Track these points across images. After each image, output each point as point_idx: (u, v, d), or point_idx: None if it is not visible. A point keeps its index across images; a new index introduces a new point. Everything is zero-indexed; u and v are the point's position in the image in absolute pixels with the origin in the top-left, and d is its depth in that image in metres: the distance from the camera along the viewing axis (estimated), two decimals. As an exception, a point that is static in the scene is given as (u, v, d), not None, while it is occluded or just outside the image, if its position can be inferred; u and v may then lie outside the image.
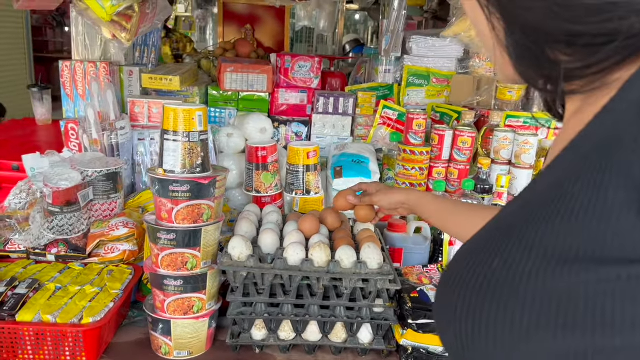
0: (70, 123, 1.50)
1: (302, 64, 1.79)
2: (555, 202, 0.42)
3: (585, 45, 0.42)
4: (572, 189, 0.41)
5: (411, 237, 1.46)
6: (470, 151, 1.63)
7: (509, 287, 0.43)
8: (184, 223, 1.04)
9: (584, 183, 0.40)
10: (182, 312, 1.08)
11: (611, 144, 0.40)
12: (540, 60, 0.47)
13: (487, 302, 0.44)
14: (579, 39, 0.42)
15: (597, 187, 0.39)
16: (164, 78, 1.55)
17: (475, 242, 0.50)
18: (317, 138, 1.82)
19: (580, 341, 0.38)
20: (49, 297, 1.06)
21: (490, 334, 0.43)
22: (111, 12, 1.02)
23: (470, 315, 0.45)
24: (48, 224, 1.20)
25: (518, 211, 0.48)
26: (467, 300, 0.46)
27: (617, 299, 0.36)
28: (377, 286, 1.10)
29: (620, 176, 0.38)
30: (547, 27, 0.44)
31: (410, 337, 1.12)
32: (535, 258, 0.41)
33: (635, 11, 0.39)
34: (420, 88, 1.93)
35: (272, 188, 1.50)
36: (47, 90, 2.63)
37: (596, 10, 0.41)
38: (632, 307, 0.36)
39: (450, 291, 0.49)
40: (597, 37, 0.41)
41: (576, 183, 0.41)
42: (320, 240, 1.15)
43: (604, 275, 0.37)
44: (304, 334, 1.14)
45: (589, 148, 0.42)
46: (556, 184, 0.43)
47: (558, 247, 0.40)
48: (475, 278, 0.46)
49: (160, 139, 1.05)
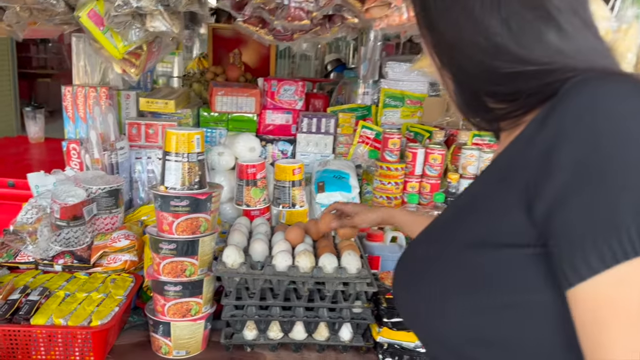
0: (72, 143, 1.62)
1: (287, 88, 1.93)
2: (473, 204, 0.61)
3: (506, 99, 0.61)
4: (482, 196, 0.60)
5: (387, 246, 1.60)
6: (440, 167, 1.79)
7: (440, 266, 0.62)
8: (183, 234, 1.17)
9: (490, 192, 0.58)
10: (180, 315, 1.20)
11: (512, 164, 0.57)
12: (477, 107, 0.65)
13: (426, 278, 0.63)
14: (501, 95, 0.61)
15: (497, 195, 0.57)
16: (160, 101, 1.68)
17: (421, 235, 0.70)
18: (301, 155, 1.96)
19: (483, 300, 0.57)
20: (59, 303, 1.17)
21: (427, 301, 0.61)
22: (123, 52, 1.15)
23: (413, 288, 0.63)
24: (55, 237, 1.31)
25: (450, 211, 0.67)
26: (411, 278, 0.64)
27: (506, 271, 0.55)
28: (356, 289, 1.23)
29: (514, 187, 0.54)
30: (480, 87, 0.63)
31: (385, 334, 1.25)
32: (458, 244, 0.60)
33: (533, 79, 0.57)
34: (395, 109, 2.09)
35: (261, 202, 1.63)
36: (40, 110, 2.74)
37: (508, 78, 0.59)
38: (514, 276, 0.54)
39: (401, 271, 0.69)
40: (512, 94, 0.60)
41: (485, 192, 0.60)
42: (305, 248, 1.29)
43: (499, 255, 0.55)
44: (291, 334, 1.26)
45: (500, 166, 0.60)
46: (476, 191, 0.62)
47: (471, 236, 0.59)
48: (418, 262, 0.65)
49: (162, 159, 1.18)
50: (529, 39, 0.58)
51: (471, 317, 0.58)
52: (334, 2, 1.02)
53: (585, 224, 0.47)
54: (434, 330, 0.63)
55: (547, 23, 0.59)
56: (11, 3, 1.04)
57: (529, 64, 0.58)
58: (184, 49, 3.91)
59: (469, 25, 0.61)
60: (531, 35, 0.58)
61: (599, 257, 0.46)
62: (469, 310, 0.58)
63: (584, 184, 0.47)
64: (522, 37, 0.58)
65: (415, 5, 0.69)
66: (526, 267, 0.53)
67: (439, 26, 0.65)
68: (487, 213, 0.58)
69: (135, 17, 1.08)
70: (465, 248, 0.59)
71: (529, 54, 0.58)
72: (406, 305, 0.67)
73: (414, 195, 1.74)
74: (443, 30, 0.65)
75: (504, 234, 0.55)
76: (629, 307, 0.46)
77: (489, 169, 0.63)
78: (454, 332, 0.60)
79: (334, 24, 1.17)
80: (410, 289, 0.65)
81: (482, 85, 0.63)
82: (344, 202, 1.36)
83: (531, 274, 0.53)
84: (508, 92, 0.60)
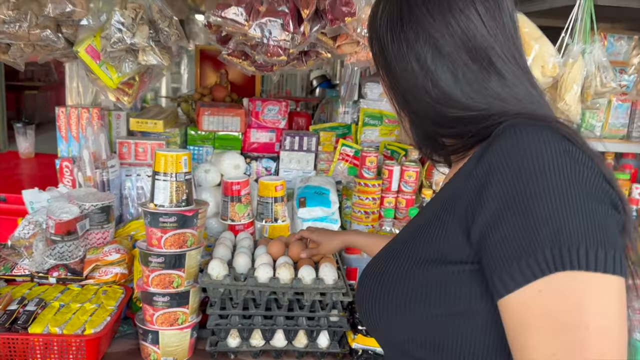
0: (65, 161, 1.70)
1: (271, 108, 2.04)
2: (424, 227, 0.72)
3: (454, 138, 0.73)
4: (432, 220, 0.71)
5: (365, 258, 1.70)
6: (415, 183, 1.90)
7: (396, 280, 0.72)
8: (171, 248, 1.26)
9: (438, 216, 0.68)
10: (168, 324, 1.28)
11: (455, 194, 0.68)
12: (430, 143, 0.78)
13: (384, 290, 0.73)
14: (448, 135, 0.73)
15: (444, 220, 0.68)
16: (150, 122, 1.77)
17: (381, 252, 0.81)
18: (284, 172, 2.06)
19: (432, 309, 0.67)
20: (55, 313, 1.25)
21: (385, 310, 0.71)
22: (117, 82, 1.25)
23: (373, 299, 0.73)
24: (50, 251, 1.39)
25: (407, 231, 0.78)
26: (372, 290, 0.75)
27: (450, 284, 0.64)
28: (333, 298, 1.32)
29: (456, 214, 0.65)
30: (430, 127, 0.75)
31: (360, 341, 1.35)
32: (411, 261, 0.70)
33: (473, 123, 0.69)
34: (374, 127, 2.21)
35: (245, 217, 1.73)
36: (31, 126, 2.80)
37: (453, 121, 0.71)
38: (457, 289, 0.63)
39: (362, 285, 0.79)
40: (457, 135, 0.72)
41: (435, 216, 0.70)
42: (285, 261, 1.38)
43: (445, 271, 0.65)
44: (272, 341, 1.35)
45: (446, 195, 0.71)
46: (427, 215, 0.74)
47: (423, 254, 0.69)
48: (378, 275, 0.75)
49: (152, 178, 1.27)
50: (473, 87, 0.70)
51: (422, 324, 0.68)
52: (308, 40, 1.14)
53: (510, 246, 0.57)
54: (390, 336, 0.73)
55: (490, 73, 0.70)
56: (16, 40, 1.13)
57: (470, 110, 0.69)
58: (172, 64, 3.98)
59: (421, 73, 0.72)
60: (475, 85, 0.70)
61: (521, 273, 0.56)
62: (420, 318, 0.68)
63: (509, 213, 0.58)
64: (466, 86, 0.70)
65: (373, 46, 0.79)
66: (466, 281, 0.64)
67: (395, 70, 0.76)
68: (435, 235, 0.68)
69: (129, 52, 1.18)
70: (417, 265, 0.69)
71: (471, 101, 0.70)
72: (367, 313, 0.77)
73: (390, 210, 1.85)
74: (398, 74, 0.75)
75: (448, 253, 0.65)
76: (548, 314, 0.54)
77: (439, 196, 0.75)
78: (407, 337, 0.69)
79: (309, 58, 1.28)
80: (370, 299, 0.75)
81: (431, 126, 0.74)
82: (310, 230, 1.47)
83: (471, 287, 0.63)
84: (454, 133, 0.72)
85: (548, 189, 0.56)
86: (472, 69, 0.70)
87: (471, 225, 0.62)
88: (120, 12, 1.15)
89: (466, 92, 0.70)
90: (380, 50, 0.77)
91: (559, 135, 0.60)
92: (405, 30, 0.73)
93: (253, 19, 1.09)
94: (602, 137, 1.96)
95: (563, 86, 1.31)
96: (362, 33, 1.16)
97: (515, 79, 0.72)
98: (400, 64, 0.74)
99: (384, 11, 0.77)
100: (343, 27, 1.14)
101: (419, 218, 0.78)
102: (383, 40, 0.76)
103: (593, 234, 0.54)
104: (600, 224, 0.55)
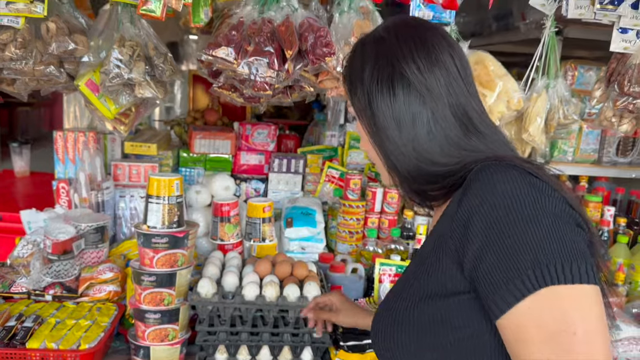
0: (61, 183, 1.78)
1: (260, 131, 2.14)
2: (423, 266, 0.80)
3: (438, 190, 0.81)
4: (429, 259, 0.79)
5: (348, 277, 1.78)
6: (397, 205, 1.99)
7: (406, 316, 0.80)
8: (163, 268, 1.33)
9: (434, 256, 0.77)
10: (159, 340, 1.35)
11: (443, 235, 0.76)
12: (419, 196, 0.85)
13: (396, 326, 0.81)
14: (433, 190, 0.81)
15: (439, 258, 0.76)
16: (143, 145, 1.86)
17: (389, 293, 0.89)
18: (272, 193, 2.15)
19: (441, 337, 0.75)
20: (51, 329, 1.31)
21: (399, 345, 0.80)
22: (114, 113, 1.34)
23: (386, 336, 0.82)
24: (47, 269, 1.46)
25: (408, 273, 0.86)
26: (383, 326, 0.83)
27: (455, 313, 0.73)
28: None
29: (448, 252, 0.74)
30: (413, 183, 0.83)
31: (342, 356, 1.42)
32: (416, 297, 0.79)
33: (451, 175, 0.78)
34: (360, 150, 2.31)
35: (234, 237, 1.81)
36: (27, 145, 2.87)
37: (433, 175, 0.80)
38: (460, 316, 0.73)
39: (375, 322, 0.87)
40: (440, 189, 0.80)
41: (430, 256, 0.79)
42: (272, 279, 1.45)
43: (448, 302, 0.74)
44: (258, 356, 1.41)
45: (436, 236, 0.80)
46: (424, 255, 0.81)
47: (426, 290, 0.78)
48: (388, 315, 0.84)
49: (145, 201, 1.35)
50: (452, 148, 0.78)
51: (433, 352, 0.76)
52: (292, 77, 1.24)
53: (497, 273, 0.66)
54: None
55: (469, 131, 0.78)
56: (22, 75, 1.23)
57: (448, 165, 0.78)
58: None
59: (404, 134, 0.79)
60: (455, 144, 0.78)
61: (510, 294, 0.65)
62: (430, 346, 0.76)
63: (492, 245, 0.67)
64: (445, 147, 0.78)
65: (357, 99, 0.83)
66: (468, 308, 0.72)
67: (381, 125, 0.81)
68: (434, 272, 0.77)
69: (126, 86, 1.27)
70: (422, 300, 0.78)
71: (448, 159, 0.78)
72: (381, 346, 0.85)
73: (373, 230, 1.94)
74: (384, 129, 0.81)
75: (448, 286, 0.74)
76: (538, 325, 0.63)
77: (431, 238, 0.83)
78: None
79: (294, 91, 1.38)
80: (383, 334, 0.84)
81: (412, 179, 0.82)
82: (331, 297, 1.36)
83: (473, 313, 0.72)
84: (438, 187, 0.80)
85: (521, 219, 0.66)
86: (453, 131, 0.78)
87: (463, 259, 0.71)
88: (118, 50, 1.25)
89: (446, 152, 0.78)
90: (368, 103, 0.82)
91: (523, 171, 0.70)
92: (395, 86, 0.78)
93: (241, 58, 1.20)
94: (574, 161, 2.07)
95: (527, 118, 1.42)
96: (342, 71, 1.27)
97: (488, 130, 0.80)
98: (387, 118, 0.80)
99: (372, 66, 0.81)
100: (324, 65, 1.25)
101: (417, 260, 0.86)
102: (371, 94, 0.80)
103: (566, 251, 0.64)
104: (570, 242, 0.65)
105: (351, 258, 1.89)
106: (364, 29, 1.31)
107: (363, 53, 0.85)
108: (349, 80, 0.87)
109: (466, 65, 0.82)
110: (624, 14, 1.47)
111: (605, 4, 1.45)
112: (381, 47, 0.82)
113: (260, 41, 1.18)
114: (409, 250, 1.88)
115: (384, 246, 1.90)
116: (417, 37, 0.80)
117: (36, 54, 1.20)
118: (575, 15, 1.47)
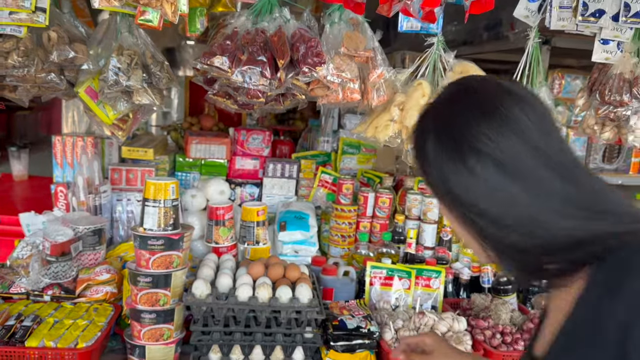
0: (60, 186, 1.82)
1: (255, 137, 2.18)
2: None
3: (554, 258, 0.71)
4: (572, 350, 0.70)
5: (340, 279, 1.82)
6: (388, 209, 2.04)
7: None
8: (158, 269, 1.37)
9: (580, 347, 0.68)
10: (154, 339, 1.39)
11: (594, 326, 0.66)
12: (532, 270, 0.74)
13: None
14: (546, 258, 0.71)
15: (586, 352, 0.67)
16: (140, 149, 1.90)
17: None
18: (267, 197, 2.19)
19: None
20: (49, 328, 1.35)
21: None
22: (113, 119, 1.38)
23: None
24: (45, 270, 1.50)
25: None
26: None
27: None
28: (307, 316, 1.43)
29: (603, 345, 0.65)
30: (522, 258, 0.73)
31: (332, 356, 1.46)
32: None
33: (571, 247, 0.69)
34: (353, 156, 2.36)
35: (228, 240, 1.85)
36: (25, 150, 2.91)
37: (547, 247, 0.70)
38: None
39: None
40: (556, 260, 0.71)
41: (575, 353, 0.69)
42: (265, 281, 1.50)
43: None
44: (251, 356, 1.45)
45: (575, 324, 0.69)
46: (561, 345, 0.72)
47: None
48: None
49: (142, 204, 1.39)
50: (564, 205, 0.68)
51: None
52: (284, 85, 1.29)
53: None
54: None
55: (569, 181, 0.69)
56: (24, 83, 1.27)
57: (570, 229, 0.68)
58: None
59: (494, 199, 0.70)
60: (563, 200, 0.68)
61: None
62: None
63: None
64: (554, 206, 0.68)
65: (434, 183, 0.75)
66: None
67: (466, 201, 0.72)
68: None
69: (124, 93, 1.32)
70: None
71: (571, 222, 0.68)
72: None
73: (365, 234, 1.98)
74: (467, 207, 0.72)
75: None
76: None
77: (558, 339, 0.72)
78: None
79: (286, 99, 1.43)
80: None
81: (533, 258, 0.72)
82: (425, 337, 1.18)
83: None
84: (553, 257, 0.70)
85: None
86: (551, 182, 0.69)
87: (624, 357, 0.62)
88: (116, 58, 1.30)
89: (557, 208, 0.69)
90: (442, 182, 0.74)
91: None
92: (465, 158, 0.70)
93: (235, 67, 1.25)
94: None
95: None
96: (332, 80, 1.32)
97: (591, 181, 0.72)
98: (468, 194, 0.71)
99: (434, 144, 0.74)
100: (315, 74, 1.30)
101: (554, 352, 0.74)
102: (443, 173, 0.73)
103: None
104: None
105: (343, 261, 1.94)
106: (353, 39, 1.37)
107: (425, 128, 0.78)
108: (419, 163, 0.80)
109: (542, 114, 0.74)
110: (605, 25, 1.53)
111: (586, 16, 1.50)
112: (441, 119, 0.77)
113: (253, 50, 1.23)
114: (399, 253, 1.93)
115: (375, 250, 1.94)
116: (477, 101, 0.75)
117: (38, 62, 1.25)
118: (557, 27, 1.52)
